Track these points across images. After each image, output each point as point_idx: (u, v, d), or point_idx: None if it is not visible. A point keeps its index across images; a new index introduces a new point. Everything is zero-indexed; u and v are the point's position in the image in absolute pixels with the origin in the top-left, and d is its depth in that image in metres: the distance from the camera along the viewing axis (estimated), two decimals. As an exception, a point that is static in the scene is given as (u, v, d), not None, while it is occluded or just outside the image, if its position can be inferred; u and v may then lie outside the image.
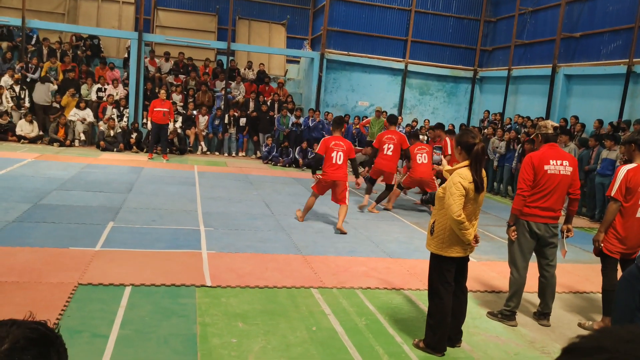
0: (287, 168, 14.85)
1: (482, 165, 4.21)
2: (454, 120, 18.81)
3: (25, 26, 15.86)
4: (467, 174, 4.15)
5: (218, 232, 7.25)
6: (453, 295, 4.35)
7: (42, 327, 0.97)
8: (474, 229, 4.27)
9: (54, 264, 5.38)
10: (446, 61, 19.05)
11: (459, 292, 4.44)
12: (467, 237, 4.16)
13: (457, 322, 4.45)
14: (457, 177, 4.14)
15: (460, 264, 4.38)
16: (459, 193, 4.07)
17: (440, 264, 4.27)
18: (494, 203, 12.41)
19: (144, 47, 16.36)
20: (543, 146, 5.02)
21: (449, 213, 4.09)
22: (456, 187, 4.08)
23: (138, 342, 3.98)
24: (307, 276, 5.80)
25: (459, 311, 4.45)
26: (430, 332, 4.30)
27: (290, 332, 4.40)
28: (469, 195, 4.12)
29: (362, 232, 8.10)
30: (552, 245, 5.04)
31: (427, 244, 4.33)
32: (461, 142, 4.24)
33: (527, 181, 4.90)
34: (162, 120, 13.62)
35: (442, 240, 4.21)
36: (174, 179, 11.20)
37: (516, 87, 17.18)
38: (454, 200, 4.07)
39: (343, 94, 18.26)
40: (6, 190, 8.51)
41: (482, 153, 4.18)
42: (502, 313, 5.13)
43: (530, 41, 16.64)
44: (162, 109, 13.59)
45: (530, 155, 4.99)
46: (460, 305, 4.45)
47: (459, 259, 4.31)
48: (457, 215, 4.05)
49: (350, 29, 18.24)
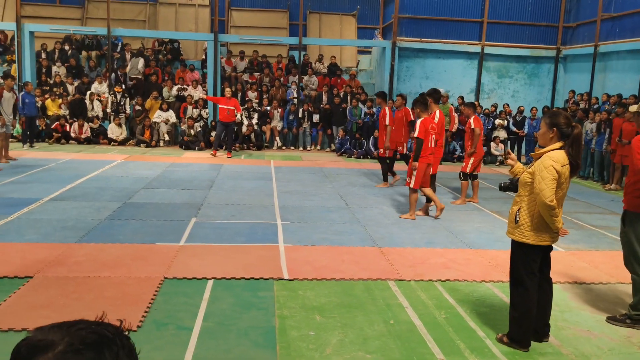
0: (361, 160, 14.79)
1: (582, 148, 3.96)
2: (536, 102, 17.89)
3: (111, 34, 16.83)
4: (561, 157, 3.89)
5: (294, 226, 7.35)
6: (538, 287, 4.14)
7: (103, 329, 0.95)
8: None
9: (141, 259, 5.68)
10: (526, 41, 18.14)
11: (544, 282, 4.22)
12: (557, 224, 3.93)
13: (544, 314, 4.23)
14: (549, 160, 3.87)
15: (545, 253, 4.17)
16: (551, 177, 3.82)
17: (527, 254, 4.05)
18: (582, 189, 11.70)
19: (219, 47, 16.87)
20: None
21: (540, 198, 3.84)
22: (548, 171, 3.83)
23: (220, 335, 4.11)
24: (384, 268, 5.74)
25: (545, 303, 4.22)
26: (514, 326, 4.12)
27: (367, 325, 4.37)
28: (560, 180, 3.88)
29: (440, 223, 7.91)
30: None
31: (510, 232, 4.12)
32: (558, 124, 3.94)
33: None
34: (227, 118, 13.66)
35: (529, 228, 3.97)
36: (252, 174, 11.48)
37: (604, 64, 16.04)
38: (547, 185, 3.83)
39: (417, 81, 17.89)
40: (99, 190, 9.09)
41: (579, 136, 3.94)
42: (631, 318, 4.60)
43: (619, 14, 15.46)
44: (226, 106, 13.60)
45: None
46: (545, 297, 4.23)
47: (545, 247, 4.09)
48: (550, 201, 3.81)
49: (422, 14, 17.81)
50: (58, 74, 16.69)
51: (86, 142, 15.35)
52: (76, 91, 16.27)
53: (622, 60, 15.20)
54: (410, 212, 8.12)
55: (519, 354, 4.02)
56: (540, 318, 4.20)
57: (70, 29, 17.56)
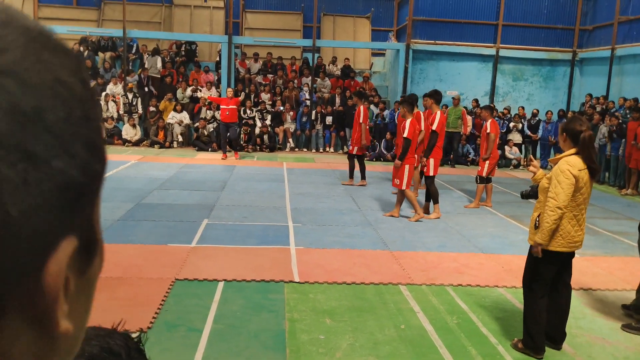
0: (373, 162, 14.74)
1: (594, 153, 3.96)
2: (551, 106, 17.69)
3: (126, 36, 16.97)
4: (577, 162, 3.89)
5: (306, 228, 7.34)
6: (556, 293, 4.10)
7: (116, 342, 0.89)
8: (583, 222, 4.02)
9: (153, 260, 5.71)
10: (541, 44, 17.96)
11: (564, 288, 4.16)
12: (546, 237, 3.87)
13: (560, 321, 4.16)
14: (565, 164, 3.88)
15: (564, 261, 4.10)
16: (568, 182, 3.83)
17: (543, 259, 4.01)
18: (599, 193, 11.55)
19: (233, 49, 16.94)
20: None
21: (553, 202, 3.84)
22: (565, 175, 3.84)
23: (230, 337, 4.11)
24: (395, 272, 5.70)
25: (563, 309, 4.16)
26: (526, 333, 4.08)
27: (378, 330, 4.34)
28: (578, 184, 3.87)
29: (453, 227, 7.85)
30: None
31: (530, 238, 4.11)
32: (567, 129, 3.97)
33: None
34: (227, 119, 13.39)
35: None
36: (264, 176, 11.50)
37: (621, 67, 15.83)
38: (563, 189, 3.84)
39: (431, 84, 17.76)
40: (112, 190, 9.15)
41: (590, 141, 3.89)
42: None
43: (637, 16, 15.24)
44: (227, 107, 13.27)
45: None
46: (563, 304, 4.16)
47: (563, 255, 4.03)
48: (564, 205, 3.83)
49: (436, 17, 17.72)
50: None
51: (101, 143, 15.47)
52: (91, 92, 16.42)
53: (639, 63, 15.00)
54: (416, 210, 8.08)
55: (531, 361, 3.97)
56: (556, 325, 4.14)
57: (86, 31, 17.74)
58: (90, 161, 0.35)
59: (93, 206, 0.38)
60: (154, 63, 17.27)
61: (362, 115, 10.36)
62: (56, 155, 0.33)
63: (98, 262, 0.40)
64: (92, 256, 0.38)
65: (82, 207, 0.36)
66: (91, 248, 0.38)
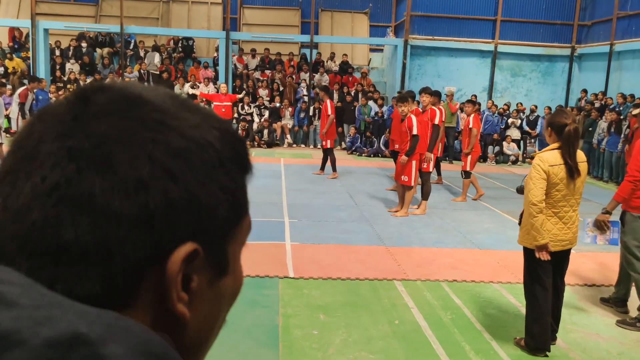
0: (371, 158, 14.73)
1: (576, 148, 3.85)
2: (550, 102, 17.66)
3: (124, 32, 16.91)
4: (551, 157, 3.83)
5: (302, 224, 7.32)
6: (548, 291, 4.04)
7: None
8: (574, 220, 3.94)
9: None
10: (540, 39, 17.92)
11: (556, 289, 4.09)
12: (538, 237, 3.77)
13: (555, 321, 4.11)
14: (537, 159, 3.88)
15: (557, 258, 4.00)
16: (538, 176, 3.80)
17: (531, 258, 3.96)
18: (596, 189, 11.54)
19: (231, 45, 16.88)
20: None
21: (528, 197, 3.83)
22: (535, 170, 3.83)
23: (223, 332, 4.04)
24: (390, 268, 5.69)
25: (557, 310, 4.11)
26: (527, 333, 4.02)
27: (372, 325, 4.33)
28: (551, 180, 3.81)
29: (449, 223, 7.84)
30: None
31: (520, 237, 4.04)
32: (552, 123, 3.91)
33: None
34: (223, 116, 13.28)
35: (528, 231, 3.89)
36: (261, 172, 11.46)
37: (619, 63, 15.79)
38: (534, 184, 3.81)
39: (429, 80, 17.73)
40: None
41: (575, 135, 3.81)
42: None
43: (635, 12, 15.21)
44: (221, 104, 12.76)
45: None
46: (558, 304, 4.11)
47: (557, 252, 3.94)
48: (537, 200, 3.77)
49: (434, 12, 17.67)
50: (72, 71, 16.82)
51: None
52: (89, 88, 16.38)
53: (638, 59, 14.96)
54: (403, 207, 8.08)
55: (525, 357, 3.96)
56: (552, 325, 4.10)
57: (83, 27, 17.68)
58: (220, 197, 0.47)
59: (226, 237, 0.49)
60: (152, 59, 17.23)
61: (329, 108, 10.69)
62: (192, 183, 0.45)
63: (230, 285, 0.51)
64: (221, 275, 0.49)
65: (208, 229, 0.46)
66: (222, 269, 0.49)
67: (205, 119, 0.50)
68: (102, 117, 0.45)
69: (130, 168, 0.43)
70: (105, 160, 0.43)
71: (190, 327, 0.48)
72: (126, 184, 0.43)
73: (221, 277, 0.50)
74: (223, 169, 0.48)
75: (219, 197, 0.47)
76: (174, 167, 0.44)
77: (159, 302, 0.45)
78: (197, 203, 0.45)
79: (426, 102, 8.68)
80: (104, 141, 0.43)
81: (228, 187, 0.48)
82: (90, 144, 0.43)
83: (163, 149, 0.44)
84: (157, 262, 0.44)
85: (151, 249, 0.43)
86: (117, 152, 0.43)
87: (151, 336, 0.41)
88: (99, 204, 0.42)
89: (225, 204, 0.48)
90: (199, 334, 0.50)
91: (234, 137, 0.52)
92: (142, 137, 0.44)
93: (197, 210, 0.45)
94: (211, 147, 0.47)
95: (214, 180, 0.47)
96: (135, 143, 0.44)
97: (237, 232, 0.51)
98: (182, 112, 0.49)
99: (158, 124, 0.46)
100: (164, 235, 0.44)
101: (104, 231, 0.42)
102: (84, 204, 0.42)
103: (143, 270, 0.44)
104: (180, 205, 0.44)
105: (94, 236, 0.42)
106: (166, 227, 0.44)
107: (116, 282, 0.43)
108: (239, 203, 0.50)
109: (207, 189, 0.46)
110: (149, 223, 0.43)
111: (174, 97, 0.50)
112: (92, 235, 0.42)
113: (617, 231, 4.62)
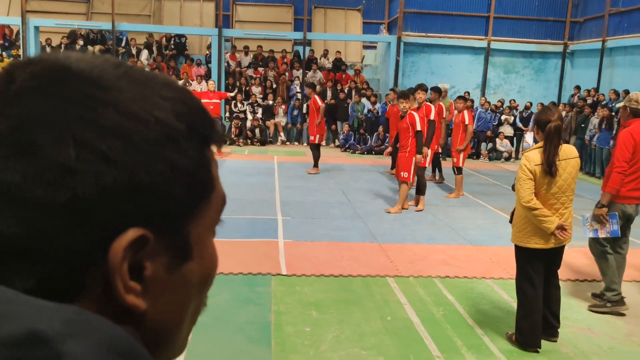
0: (364, 155, 14.73)
1: (555, 146, 3.77)
2: (543, 98, 17.72)
3: (115, 29, 16.81)
4: (536, 155, 3.82)
5: (295, 221, 7.31)
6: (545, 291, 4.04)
7: None
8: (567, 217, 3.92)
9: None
10: (532, 36, 17.96)
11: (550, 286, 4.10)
12: (547, 225, 3.76)
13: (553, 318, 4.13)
14: (524, 159, 3.90)
15: (548, 257, 4.00)
16: (525, 177, 3.80)
17: (522, 256, 3.98)
18: (587, 185, 11.59)
19: (223, 42, 16.82)
20: (633, 121, 4.65)
21: (517, 198, 3.86)
22: (522, 171, 3.83)
23: (215, 330, 4.09)
24: (383, 264, 5.69)
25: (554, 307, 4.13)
26: (517, 329, 4.05)
27: (364, 322, 4.33)
28: (538, 179, 3.80)
29: (442, 219, 7.85)
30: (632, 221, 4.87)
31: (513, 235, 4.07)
32: (537, 120, 3.94)
33: (627, 159, 4.55)
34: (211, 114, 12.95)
35: (519, 229, 3.92)
36: (255, 169, 11.45)
37: (611, 59, 15.87)
38: (521, 185, 3.81)
39: (422, 77, 17.74)
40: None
41: (555, 132, 3.75)
42: (610, 300, 4.71)
43: (628, 8, 15.27)
44: (210, 101, 12.25)
45: (629, 131, 4.59)
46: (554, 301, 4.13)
47: (545, 250, 3.93)
48: (525, 202, 3.78)
49: (427, 9, 17.68)
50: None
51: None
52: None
53: (630, 55, 15.03)
54: (400, 203, 8.08)
55: (516, 352, 3.97)
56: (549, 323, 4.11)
57: (75, 24, 17.56)
58: (170, 177, 0.43)
59: (185, 223, 0.45)
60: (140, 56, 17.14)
61: (318, 101, 10.95)
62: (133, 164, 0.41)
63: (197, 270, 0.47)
64: (184, 260, 0.45)
65: (159, 210, 0.42)
66: (184, 254, 0.45)
67: (154, 89, 0.45)
68: (23, 95, 0.41)
69: (53, 152, 0.39)
70: (25, 145, 0.39)
71: (153, 318, 0.44)
72: (50, 170, 0.39)
73: (184, 263, 0.45)
74: (174, 145, 0.43)
75: (170, 177, 0.43)
76: (107, 148, 0.40)
77: (110, 294, 0.41)
78: (140, 186, 0.41)
79: (422, 98, 8.65)
80: (23, 123, 0.40)
81: (181, 165, 0.43)
82: (8, 127, 0.40)
83: (92, 128, 0.40)
84: (99, 252, 0.40)
85: (89, 239, 0.40)
86: (38, 134, 0.39)
87: (115, 331, 0.39)
88: (22, 194, 0.39)
89: (180, 183, 0.43)
90: (165, 325, 0.46)
91: (190, 108, 0.47)
92: (66, 116, 0.40)
93: (142, 193, 0.41)
94: (157, 122, 0.43)
95: (162, 158, 0.42)
96: (58, 123, 0.40)
97: (201, 213, 0.46)
98: (123, 83, 0.43)
99: (88, 99, 0.41)
100: (103, 224, 0.40)
101: (32, 223, 0.39)
102: (4, 194, 0.39)
103: (86, 262, 0.40)
104: (118, 189, 0.40)
105: (22, 229, 0.39)
106: (104, 215, 0.40)
107: (56, 276, 0.40)
108: (200, 181, 0.46)
109: (152, 169, 0.42)
110: (81, 211, 0.39)
111: (117, 65, 0.45)
112: (20, 228, 0.39)
113: (616, 222, 4.67)
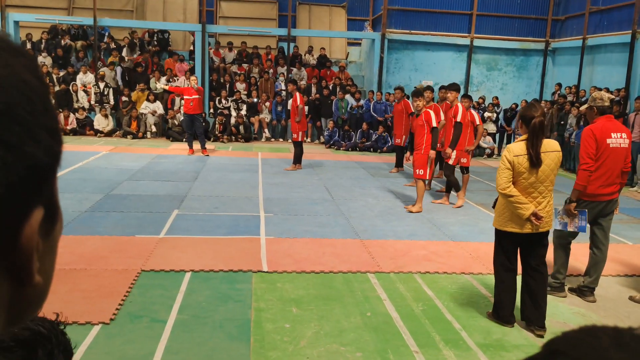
0: (349, 152, 14.76)
1: (540, 140, 4.11)
2: (525, 95, 17.92)
3: (97, 25, 16.63)
4: (517, 147, 4.17)
5: (277, 218, 7.32)
6: (526, 275, 4.28)
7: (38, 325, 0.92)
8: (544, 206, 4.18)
9: (120, 252, 5.64)
10: (515, 34, 18.13)
11: (531, 271, 4.28)
12: (522, 211, 4.13)
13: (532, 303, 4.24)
14: (505, 150, 4.28)
15: (525, 242, 4.27)
16: (503, 166, 4.20)
17: (500, 240, 4.36)
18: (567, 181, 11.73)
19: (207, 38, 16.72)
20: (599, 119, 4.83)
21: (497, 187, 4.26)
22: (502, 160, 4.24)
23: (194, 327, 4.09)
24: (364, 261, 5.73)
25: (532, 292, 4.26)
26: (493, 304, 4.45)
27: (344, 318, 4.36)
28: (516, 169, 4.15)
29: (424, 215, 7.91)
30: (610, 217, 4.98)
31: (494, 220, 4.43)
32: (522, 115, 4.27)
33: (592, 155, 4.75)
34: (192, 110, 12.16)
35: (499, 214, 4.30)
36: (238, 166, 11.42)
37: (592, 57, 16.08)
38: (499, 174, 4.23)
39: (406, 74, 17.85)
40: (81, 181, 9.00)
41: (539, 127, 4.09)
42: (550, 286, 4.93)
43: (607, 7, 15.48)
44: (191, 97, 12.10)
45: (590, 127, 4.82)
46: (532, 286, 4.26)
47: (521, 236, 4.22)
48: (501, 189, 4.18)
49: (411, 6, 17.74)
50: (44, 64, 16.49)
51: (72, 134, 15.21)
52: (61, 82, 16.09)
53: (610, 53, 15.24)
54: (418, 202, 8.10)
55: (492, 346, 4.03)
56: (530, 306, 4.26)
57: (56, 19, 17.33)
58: (52, 144, 0.43)
59: (54, 181, 0.45)
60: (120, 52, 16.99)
61: (298, 99, 10.97)
62: (26, 142, 0.40)
63: (59, 226, 0.48)
64: (54, 222, 0.47)
65: (47, 183, 0.43)
66: (53, 215, 0.46)
67: None
68: None
69: None
70: None
71: (37, 289, 0.46)
72: None
73: (54, 226, 0.47)
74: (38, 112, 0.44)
75: (50, 142, 0.44)
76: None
77: (7, 279, 0.42)
78: (37, 165, 0.42)
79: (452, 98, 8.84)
80: None
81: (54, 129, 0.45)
82: None
83: None
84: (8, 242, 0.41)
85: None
86: None
87: None
88: None
89: (44, 149, 0.43)
90: (45, 285, 0.47)
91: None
92: None
93: (36, 171, 0.42)
94: None
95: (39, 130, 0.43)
96: None
97: (58, 167, 0.47)
98: None
99: None
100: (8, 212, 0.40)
101: None
102: None
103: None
104: (20, 174, 0.41)
105: None
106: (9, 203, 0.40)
107: None
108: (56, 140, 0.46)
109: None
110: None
111: None
112: None
113: (585, 219, 4.84)
